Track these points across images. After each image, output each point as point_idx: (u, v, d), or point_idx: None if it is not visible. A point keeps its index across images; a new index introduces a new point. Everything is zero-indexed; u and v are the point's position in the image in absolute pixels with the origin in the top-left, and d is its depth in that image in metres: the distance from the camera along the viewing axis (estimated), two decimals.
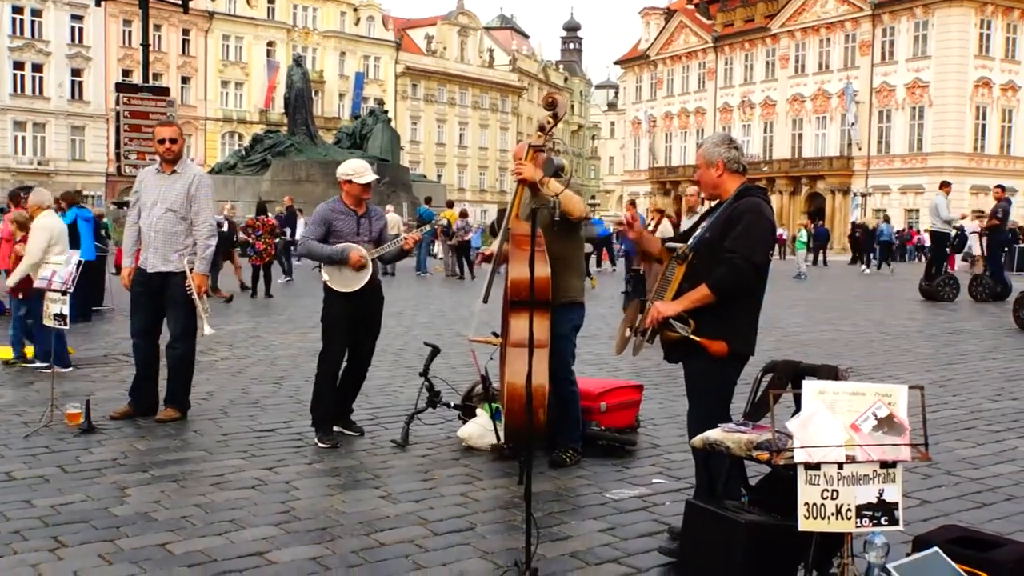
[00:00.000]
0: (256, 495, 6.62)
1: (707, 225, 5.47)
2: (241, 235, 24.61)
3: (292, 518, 6.13)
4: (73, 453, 7.64)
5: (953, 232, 24.48)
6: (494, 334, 7.72)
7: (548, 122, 7.10)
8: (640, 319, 5.48)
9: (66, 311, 8.74)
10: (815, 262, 45.33)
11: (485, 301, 7.47)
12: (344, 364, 8.39)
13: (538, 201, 7.02)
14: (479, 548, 5.64)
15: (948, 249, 25.02)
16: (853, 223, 60.11)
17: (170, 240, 8.75)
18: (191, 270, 8.71)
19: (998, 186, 25.00)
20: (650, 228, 25.88)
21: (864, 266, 44.25)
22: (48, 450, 7.73)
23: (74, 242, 16.29)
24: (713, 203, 5.79)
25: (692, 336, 5.24)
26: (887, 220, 49.73)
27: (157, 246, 8.77)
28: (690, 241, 5.46)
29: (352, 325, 8.23)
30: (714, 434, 4.73)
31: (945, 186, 24.43)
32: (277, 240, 23.98)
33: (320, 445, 7.97)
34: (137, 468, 7.26)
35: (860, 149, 71.16)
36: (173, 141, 8.84)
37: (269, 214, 25.30)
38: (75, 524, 5.93)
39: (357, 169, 8.30)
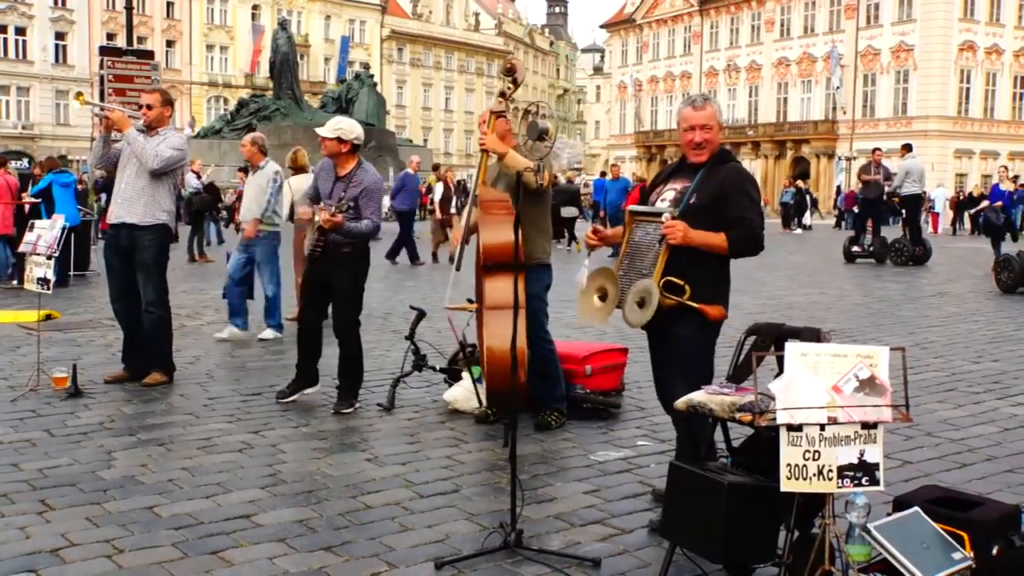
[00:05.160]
0: (242, 458, 6.66)
1: (693, 188, 5.43)
2: (232, 199, 24.50)
3: (278, 481, 6.17)
4: (60, 417, 7.66)
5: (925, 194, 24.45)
6: (469, 300, 7.76)
7: (508, 88, 7.17)
8: (624, 278, 5.44)
9: (50, 275, 8.74)
10: (799, 225, 45.41)
11: (458, 268, 7.52)
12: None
13: (505, 168, 7.14)
14: (464, 510, 5.69)
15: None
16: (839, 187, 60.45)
17: (140, 193, 8.73)
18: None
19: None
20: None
21: (797, 228, 45.03)
22: (35, 414, 7.75)
23: (52, 207, 16.35)
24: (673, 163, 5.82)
25: (689, 302, 5.24)
26: (787, 186, 50.70)
27: (126, 197, 8.75)
28: (679, 207, 5.40)
29: (317, 289, 8.25)
30: (698, 396, 4.76)
31: (909, 149, 24.39)
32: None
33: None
34: (124, 432, 7.30)
35: (845, 113, 71.00)
36: (149, 107, 8.83)
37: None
38: (62, 487, 5.96)
39: (327, 123, 8.25)
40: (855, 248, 24.10)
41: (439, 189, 25.00)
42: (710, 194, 5.36)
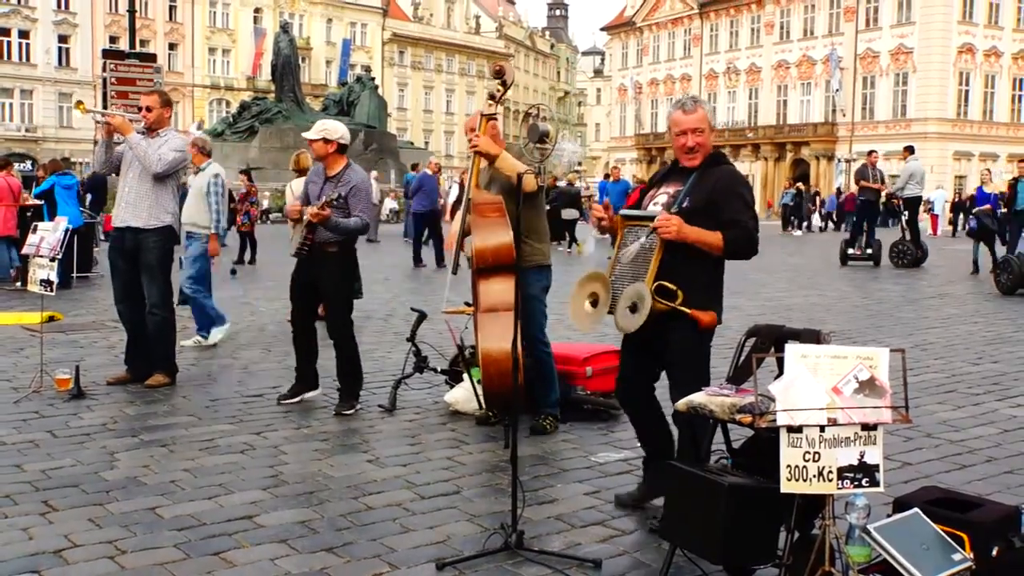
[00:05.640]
0: (244, 459, 6.67)
1: (686, 192, 5.42)
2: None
3: (280, 482, 6.19)
4: (63, 418, 7.69)
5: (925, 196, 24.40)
6: (467, 304, 7.78)
7: (498, 90, 7.20)
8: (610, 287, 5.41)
9: (53, 277, 8.76)
10: (798, 227, 45.49)
11: (454, 272, 7.53)
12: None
13: (496, 171, 7.14)
14: (465, 511, 5.70)
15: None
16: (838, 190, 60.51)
17: (143, 197, 8.76)
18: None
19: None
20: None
21: (796, 230, 45.23)
22: (38, 415, 7.78)
23: (54, 208, 16.38)
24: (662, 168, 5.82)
25: (682, 307, 5.24)
26: (788, 187, 51.27)
27: (130, 201, 8.79)
28: (672, 209, 5.40)
29: (306, 288, 8.26)
30: (698, 398, 4.77)
31: (912, 151, 24.31)
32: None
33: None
34: (127, 433, 7.31)
35: (844, 115, 71.05)
36: (149, 109, 8.86)
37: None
38: (65, 488, 5.98)
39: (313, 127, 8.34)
40: (850, 251, 24.05)
41: (454, 191, 24.96)
42: (703, 198, 5.34)
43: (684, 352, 5.42)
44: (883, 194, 24.38)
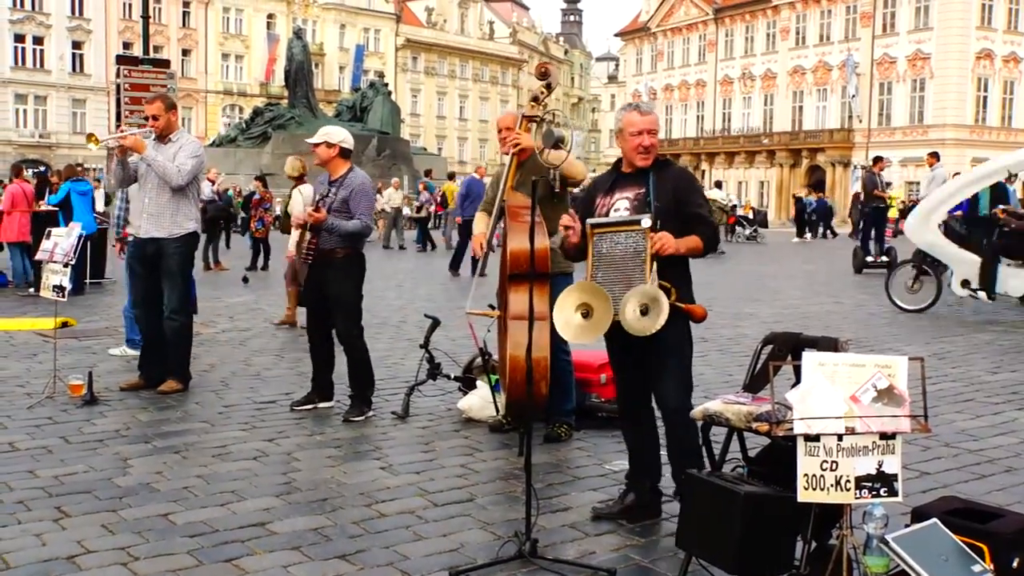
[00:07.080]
0: (257, 466, 6.66)
1: (654, 195, 5.41)
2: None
3: (293, 489, 6.17)
4: (76, 424, 7.68)
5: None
6: (491, 306, 7.73)
7: (541, 92, 7.08)
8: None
9: (66, 283, 8.77)
10: (815, 235, 45.34)
11: (482, 274, 7.49)
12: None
13: (533, 172, 7.01)
14: (479, 519, 5.68)
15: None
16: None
17: (164, 208, 8.74)
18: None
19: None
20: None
21: (808, 236, 44.93)
22: (51, 421, 7.78)
23: (70, 216, 16.40)
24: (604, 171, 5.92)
25: (679, 304, 5.23)
26: (808, 194, 51.11)
27: (150, 212, 8.77)
28: (653, 211, 5.37)
29: (316, 296, 8.26)
30: (714, 405, 4.75)
31: (938, 157, 23.99)
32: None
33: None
34: (139, 439, 7.31)
35: (861, 121, 70.86)
36: (155, 118, 8.85)
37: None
38: (78, 494, 5.98)
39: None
40: (868, 259, 23.85)
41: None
42: (669, 197, 5.42)
43: (678, 347, 5.50)
44: (896, 200, 24.18)
